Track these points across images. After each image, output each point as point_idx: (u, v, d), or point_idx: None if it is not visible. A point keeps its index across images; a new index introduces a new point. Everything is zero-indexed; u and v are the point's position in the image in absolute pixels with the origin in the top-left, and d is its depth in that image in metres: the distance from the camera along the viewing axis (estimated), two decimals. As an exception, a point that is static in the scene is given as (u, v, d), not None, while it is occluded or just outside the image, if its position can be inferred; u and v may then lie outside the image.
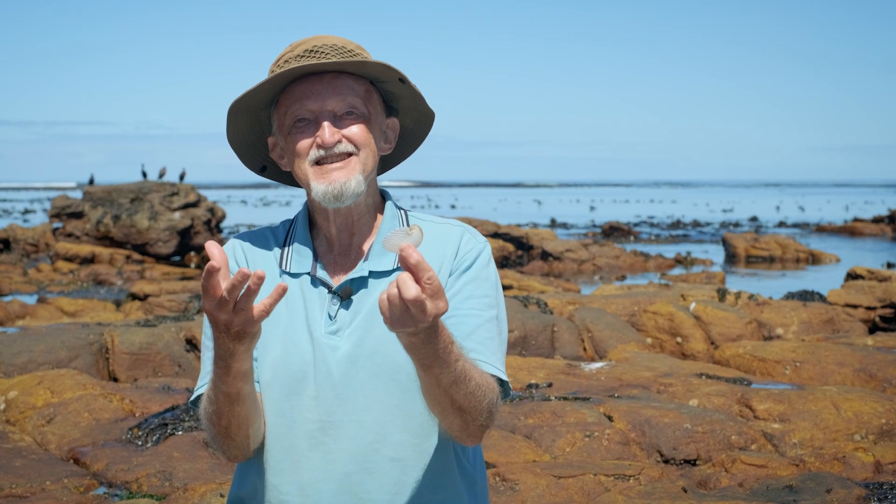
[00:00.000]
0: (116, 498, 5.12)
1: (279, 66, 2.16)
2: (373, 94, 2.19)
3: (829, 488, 4.85)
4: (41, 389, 6.56)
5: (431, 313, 1.82)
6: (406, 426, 2.14)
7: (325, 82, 2.13)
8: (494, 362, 2.13)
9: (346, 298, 2.16)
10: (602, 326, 8.85)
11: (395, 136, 2.27)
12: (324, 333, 2.14)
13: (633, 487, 5.00)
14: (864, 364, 7.39)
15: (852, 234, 36.66)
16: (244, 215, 52.06)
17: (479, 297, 2.16)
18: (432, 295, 1.80)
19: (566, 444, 5.64)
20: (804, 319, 9.44)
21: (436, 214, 2.33)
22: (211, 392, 2.07)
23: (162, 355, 7.77)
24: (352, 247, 2.21)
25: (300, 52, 2.14)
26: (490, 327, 2.15)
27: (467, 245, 2.20)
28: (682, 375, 7.10)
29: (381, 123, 2.22)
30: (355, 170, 2.13)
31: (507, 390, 2.15)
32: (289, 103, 2.15)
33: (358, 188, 2.13)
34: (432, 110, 2.26)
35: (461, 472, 2.22)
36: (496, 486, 4.92)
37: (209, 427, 2.12)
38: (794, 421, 6.00)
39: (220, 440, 2.12)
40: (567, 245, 23.90)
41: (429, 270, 1.79)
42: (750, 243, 26.20)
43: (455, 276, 2.17)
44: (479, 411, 2.04)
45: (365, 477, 2.12)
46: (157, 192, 25.56)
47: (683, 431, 5.72)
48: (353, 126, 2.14)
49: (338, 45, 2.15)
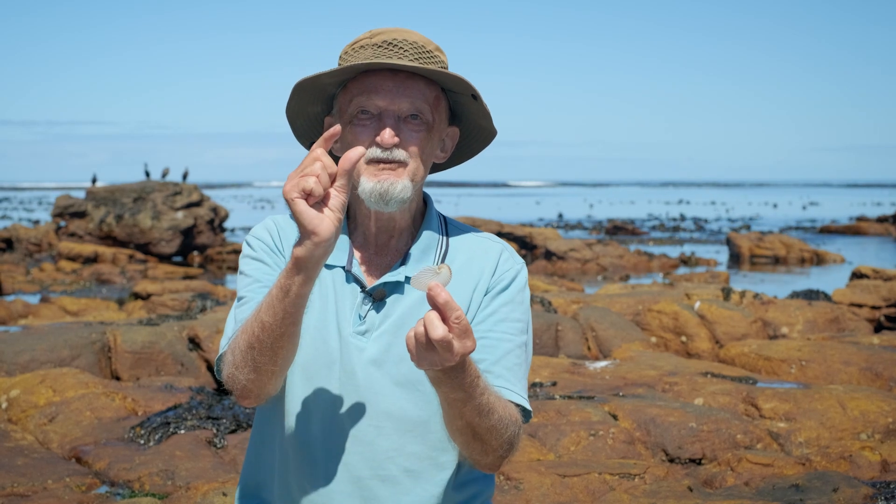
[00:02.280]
0: (118, 497, 5.10)
1: (355, 49, 2.12)
2: (441, 101, 2.15)
3: (835, 487, 4.82)
4: (43, 388, 6.54)
5: (459, 352, 1.80)
6: (424, 438, 2.11)
7: (397, 81, 2.09)
8: (519, 390, 2.11)
9: (378, 300, 2.13)
10: (606, 325, 8.82)
11: (453, 145, 2.23)
12: (352, 332, 2.11)
13: (638, 486, 4.97)
14: (871, 363, 7.36)
15: (857, 233, 36.62)
16: (247, 215, 52.07)
17: (513, 322, 2.15)
18: (460, 335, 1.78)
19: (571, 442, 5.61)
20: (809, 318, 9.40)
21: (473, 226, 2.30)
22: (266, 310, 1.94)
23: (164, 354, 7.75)
24: (389, 248, 2.18)
25: (378, 41, 2.09)
26: (519, 353, 2.14)
27: (506, 264, 2.18)
28: (688, 374, 7.07)
29: (441, 132, 2.18)
30: (404, 176, 2.08)
31: (527, 418, 2.13)
32: (356, 92, 2.10)
33: (404, 193, 2.08)
34: (495, 129, 2.22)
35: (472, 484, 2.20)
36: (501, 484, 4.90)
37: (248, 350, 1.97)
38: (800, 420, 5.97)
39: (258, 360, 1.97)
40: (571, 244, 23.86)
41: (457, 310, 1.77)
42: (754, 243, 26.16)
43: (491, 294, 2.15)
44: (500, 443, 2.02)
45: (377, 484, 2.10)
46: (160, 192, 25.57)
47: (689, 430, 5.69)
48: (415, 134, 2.09)
49: (418, 42, 2.11)
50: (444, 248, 2.19)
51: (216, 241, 25.79)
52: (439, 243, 2.19)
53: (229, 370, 2.03)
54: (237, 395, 2.06)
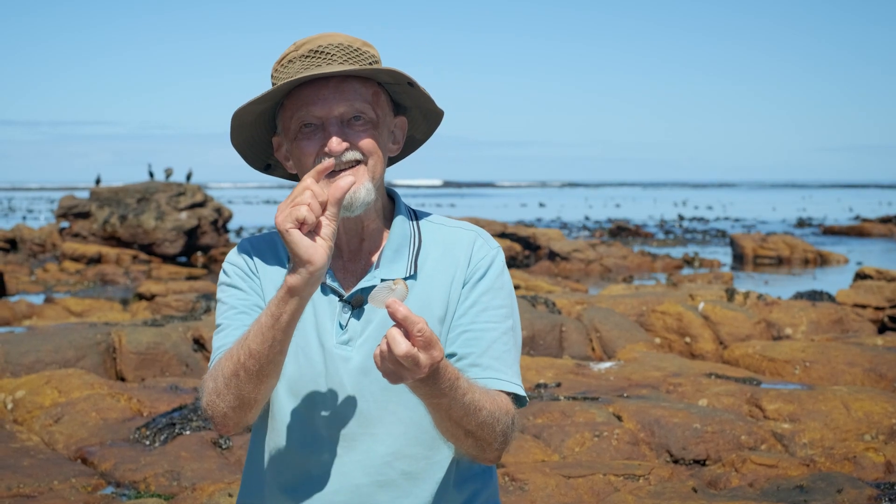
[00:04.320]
0: (124, 498, 5.11)
1: (283, 65, 2.10)
2: (381, 95, 2.14)
3: (839, 488, 4.82)
4: (49, 389, 6.56)
5: (426, 364, 1.80)
6: (419, 439, 2.11)
7: (331, 87, 2.07)
8: (510, 377, 2.10)
9: (357, 307, 2.12)
10: (610, 326, 8.83)
11: (404, 135, 2.22)
12: (335, 343, 2.10)
13: (642, 487, 4.98)
14: (874, 364, 7.36)
15: (860, 234, 36.55)
16: (251, 215, 52.09)
17: (495, 309, 2.13)
18: (424, 346, 1.79)
19: (575, 443, 5.62)
20: (813, 319, 9.40)
21: (443, 215, 2.29)
22: (254, 337, 1.97)
23: (169, 355, 7.76)
24: (361, 252, 2.17)
25: (305, 51, 2.08)
26: (506, 339, 2.12)
27: (480, 252, 2.16)
28: (692, 375, 7.08)
29: (389, 125, 2.17)
30: (364, 178, 2.07)
31: (522, 402, 2.12)
32: (294, 108, 2.09)
33: (368, 197, 2.08)
34: (441, 110, 2.20)
35: (473, 480, 2.19)
36: (505, 485, 4.90)
37: (232, 377, 1.99)
38: (804, 421, 5.97)
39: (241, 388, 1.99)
40: (574, 245, 23.83)
41: (418, 323, 1.77)
42: (758, 244, 26.13)
43: (469, 285, 2.14)
44: (493, 438, 2.02)
45: (376, 490, 2.10)
46: (163, 192, 25.58)
47: (693, 431, 5.70)
48: (362, 133, 2.08)
49: (343, 44, 2.09)
50: (417, 245, 2.17)
51: (220, 242, 25.80)
52: (412, 240, 2.17)
53: (210, 397, 2.04)
54: (217, 424, 2.07)
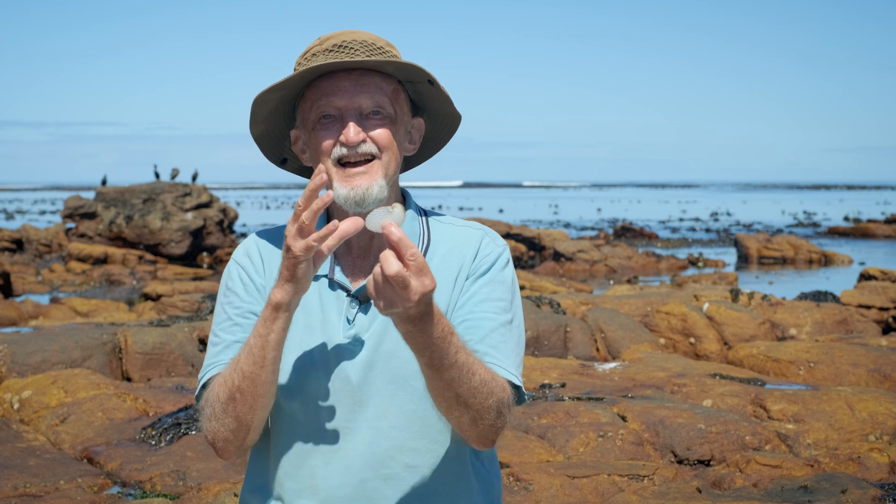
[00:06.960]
0: (130, 497, 5.13)
1: (306, 59, 2.13)
2: (400, 93, 2.16)
3: (844, 489, 4.82)
4: (55, 389, 6.58)
5: (417, 291, 1.79)
6: (423, 432, 2.11)
7: (353, 79, 2.09)
8: (507, 366, 2.09)
9: (364, 302, 2.13)
10: (615, 327, 8.83)
11: (420, 136, 2.24)
12: (342, 338, 2.11)
13: (647, 488, 4.99)
14: (879, 364, 7.36)
15: (865, 235, 36.50)
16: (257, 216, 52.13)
17: (494, 301, 2.13)
18: (416, 272, 1.78)
19: (580, 444, 5.63)
20: (818, 320, 9.40)
21: (455, 216, 2.30)
22: (245, 359, 2.01)
23: (175, 355, 7.79)
24: (371, 249, 2.18)
25: (329, 46, 2.10)
26: (504, 331, 2.12)
27: (486, 248, 2.18)
28: (696, 376, 7.08)
29: (406, 124, 2.18)
30: (377, 174, 2.09)
31: (521, 395, 2.11)
32: (315, 98, 2.11)
33: (380, 194, 2.09)
34: (459, 113, 2.22)
35: (477, 476, 2.20)
36: (510, 486, 4.92)
37: (228, 402, 2.03)
38: (808, 421, 5.98)
39: (238, 410, 2.03)
40: (579, 245, 23.83)
41: (411, 247, 1.77)
42: (762, 244, 26.12)
43: (472, 279, 2.15)
44: (486, 408, 2.00)
45: (381, 483, 2.10)
46: (169, 193, 25.63)
47: (697, 432, 5.71)
48: (379, 127, 2.10)
49: (367, 41, 2.11)
50: (426, 243, 2.18)
51: (226, 242, 25.84)
52: (421, 238, 2.19)
53: (209, 423, 2.07)
54: (218, 449, 2.09)
